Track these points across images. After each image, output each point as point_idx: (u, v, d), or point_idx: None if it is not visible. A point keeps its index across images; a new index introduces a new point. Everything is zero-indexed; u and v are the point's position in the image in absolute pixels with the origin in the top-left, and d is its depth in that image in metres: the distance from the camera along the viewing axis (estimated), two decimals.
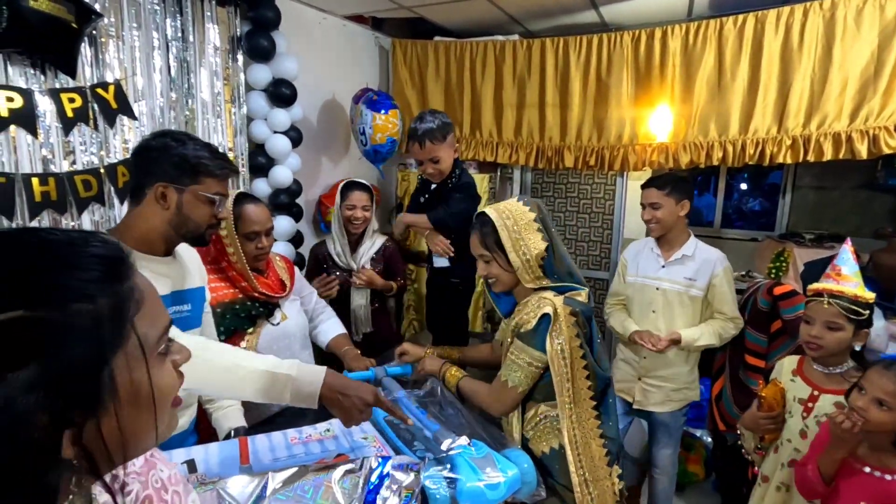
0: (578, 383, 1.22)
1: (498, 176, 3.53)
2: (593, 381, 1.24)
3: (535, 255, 1.25)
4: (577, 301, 1.26)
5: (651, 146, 2.85)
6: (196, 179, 1.16)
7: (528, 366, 1.24)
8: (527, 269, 1.26)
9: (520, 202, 1.31)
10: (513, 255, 1.26)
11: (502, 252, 1.28)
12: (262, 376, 0.99)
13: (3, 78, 1.61)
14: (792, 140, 2.50)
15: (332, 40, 3.04)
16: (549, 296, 1.25)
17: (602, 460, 1.24)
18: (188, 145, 1.16)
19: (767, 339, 2.15)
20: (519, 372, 1.26)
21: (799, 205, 3.82)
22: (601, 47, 2.89)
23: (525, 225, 1.26)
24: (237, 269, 1.55)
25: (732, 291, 2.03)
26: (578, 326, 1.22)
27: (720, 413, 2.34)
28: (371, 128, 2.81)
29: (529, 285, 1.28)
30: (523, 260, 1.26)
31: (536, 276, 1.27)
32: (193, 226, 1.18)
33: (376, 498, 0.93)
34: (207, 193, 1.17)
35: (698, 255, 2.04)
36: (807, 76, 2.43)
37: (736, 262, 3.71)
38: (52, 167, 1.74)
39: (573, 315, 1.22)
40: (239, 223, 1.53)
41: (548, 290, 1.27)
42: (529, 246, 1.25)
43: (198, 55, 2.19)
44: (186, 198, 1.15)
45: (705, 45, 2.63)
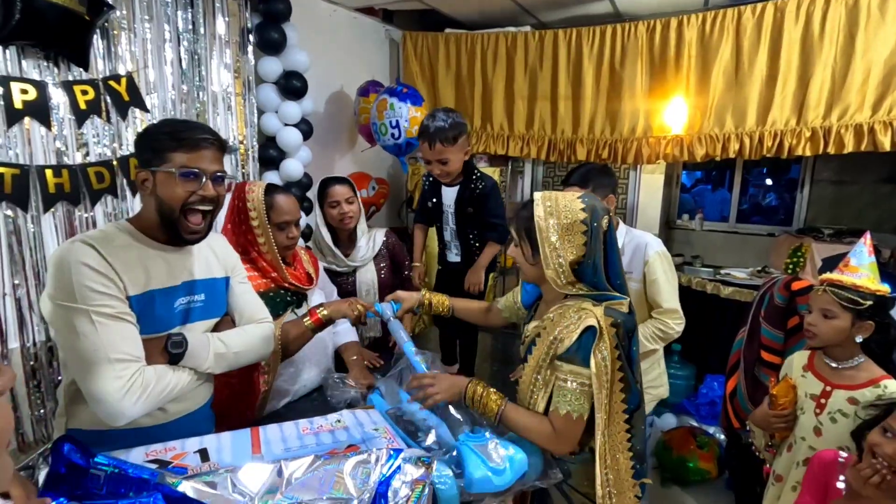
0: (614, 397, 1.14)
1: (509, 169, 3.50)
2: (628, 394, 1.16)
3: (570, 260, 1.13)
4: (619, 312, 1.14)
5: (665, 139, 2.81)
6: (162, 157, 1.07)
7: (584, 387, 1.11)
8: (557, 271, 1.14)
9: (579, 199, 1.16)
10: (544, 254, 1.14)
11: (530, 243, 1.18)
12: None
13: (17, 70, 1.62)
14: (812, 132, 2.44)
15: (342, 33, 3.03)
16: (589, 306, 1.13)
17: (628, 473, 1.17)
18: (162, 125, 1.12)
19: (784, 335, 2.10)
20: (580, 398, 1.11)
21: (817, 199, 3.73)
22: (615, 38, 2.85)
23: (568, 225, 1.13)
24: (267, 260, 1.55)
25: (670, 279, 1.82)
26: (618, 339, 1.12)
27: (734, 410, 2.30)
28: (408, 121, 2.76)
29: (560, 289, 1.17)
30: (556, 262, 1.14)
31: (569, 281, 1.15)
32: (168, 209, 1.09)
33: (388, 490, 0.92)
34: (173, 169, 1.07)
35: (628, 245, 1.83)
36: (828, 66, 2.37)
37: (751, 257, 3.67)
38: (66, 159, 1.76)
39: (614, 327, 1.12)
40: (270, 213, 1.53)
41: (585, 299, 1.15)
42: (566, 250, 1.13)
43: (209, 47, 2.19)
44: (159, 178, 1.08)
45: (722, 34, 2.58)
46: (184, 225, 1.12)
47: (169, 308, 1.15)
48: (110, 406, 1.02)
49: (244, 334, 1.28)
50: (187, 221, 1.12)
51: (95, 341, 1.01)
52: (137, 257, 1.11)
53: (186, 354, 1.14)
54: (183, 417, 1.21)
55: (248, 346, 1.27)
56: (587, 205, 1.15)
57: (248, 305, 1.35)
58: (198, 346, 1.17)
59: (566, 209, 1.14)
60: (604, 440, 1.13)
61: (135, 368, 1.04)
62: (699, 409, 2.97)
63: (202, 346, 1.18)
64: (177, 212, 1.10)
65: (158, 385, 1.08)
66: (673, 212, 4.09)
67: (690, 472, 2.57)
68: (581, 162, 2.92)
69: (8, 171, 1.60)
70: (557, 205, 1.15)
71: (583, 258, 1.14)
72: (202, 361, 1.17)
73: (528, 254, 1.19)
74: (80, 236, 1.08)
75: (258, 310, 1.36)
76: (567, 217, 1.14)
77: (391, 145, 2.87)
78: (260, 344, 1.31)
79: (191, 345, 1.15)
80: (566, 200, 1.16)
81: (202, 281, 1.23)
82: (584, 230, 1.13)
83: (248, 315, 1.33)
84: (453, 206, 1.93)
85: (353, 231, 2.10)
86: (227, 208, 1.55)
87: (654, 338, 1.83)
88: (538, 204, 1.16)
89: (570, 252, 1.13)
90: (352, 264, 2.07)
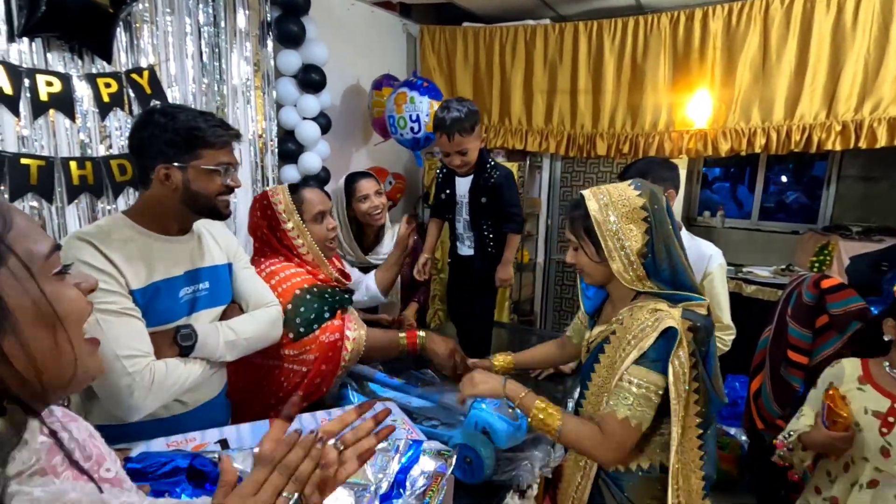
0: (688, 410, 1.05)
1: (527, 165, 3.47)
2: (703, 406, 1.07)
3: (636, 249, 1.06)
4: (698, 314, 1.05)
5: (688, 133, 2.75)
6: (195, 154, 1.11)
7: (650, 394, 1.01)
8: (626, 265, 1.06)
9: (631, 186, 1.10)
10: (607, 247, 1.07)
11: (591, 241, 1.11)
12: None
13: (42, 63, 1.64)
14: (842, 126, 2.37)
15: (360, 27, 3.02)
16: (664, 306, 1.04)
17: (698, 495, 1.10)
18: (179, 119, 1.10)
19: (812, 334, 2.05)
20: (643, 405, 1.01)
21: (844, 196, 3.63)
22: (637, 30, 2.79)
23: (627, 213, 1.06)
24: (309, 261, 1.49)
25: (727, 293, 1.77)
26: (697, 343, 1.04)
27: (758, 411, 2.25)
28: (428, 115, 2.73)
29: (629, 286, 1.09)
30: (621, 255, 1.06)
31: (638, 276, 1.07)
32: (204, 200, 1.14)
33: (406, 478, 0.92)
34: (210, 166, 1.12)
35: (688, 253, 1.77)
36: (860, 57, 2.29)
37: (775, 255, 3.59)
38: (90, 151, 1.77)
39: (692, 330, 1.04)
40: (302, 210, 1.48)
41: (659, 299, 1.07)
42: (630, 238, 1.06)
43: (229, 41, 2.19)
44: (191, 174, 1.11)
45: (749, 25, 2.51)
46: (220, 207, 1.18)
47: (174, 298, 1.15)
48: (122, 402, 1.03)
49: (253, 320, 1.28)
50: (221, 203, 1.18)
51: (101, 339, 1.01)
52: (138, 250, 1.10)
53: (197, 346, 1.14)
54: (199, 407, 1.21)
55: (257, 332, 1.27)
56: (642, 190, 1.09)
57: (254, 291, 1.34)
58: (207, 337, 1.16)
59: (621, 198, 1.08)
60: (677, 457, 1.05)
61: (144, 363, 1.04)
62: (721, 409, 2.91)
63: (212, 335, 1.17)
64: (212, 200, 1.15)
65: (170, 378, 1.07)
66: (693, 208, 4.02)
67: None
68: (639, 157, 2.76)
69: (34, 162, 1.62)
70: (611, 196, 1.09)
71: (647, 247, 1.06)
72: (213, 351, 1.17)
73: (592, 252, 1.11)
74: (75, 232, 1.09)
75: (265, 294, 1.35)
76: (624, 205, 1.07)
77: (409, 139, 2.85)
78: (269, 328, 1.30)
79: (200, 335, 1.14)
80: (619, 190, 1.10)
81: (206, 269, 1.23)
82: (644, 216, 1.06)
83: (255, 301, 1.32)
84: (467, 196, 1.90)
85: (381, 228, 2.09)
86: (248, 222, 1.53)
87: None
88: (590, 199, 1.10)
89: (633, 241, 1.06)
90: (372, 261, 2.06)
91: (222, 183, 1.15)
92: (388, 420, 1.21)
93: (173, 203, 1.13)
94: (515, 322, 3.44)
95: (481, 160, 1.85)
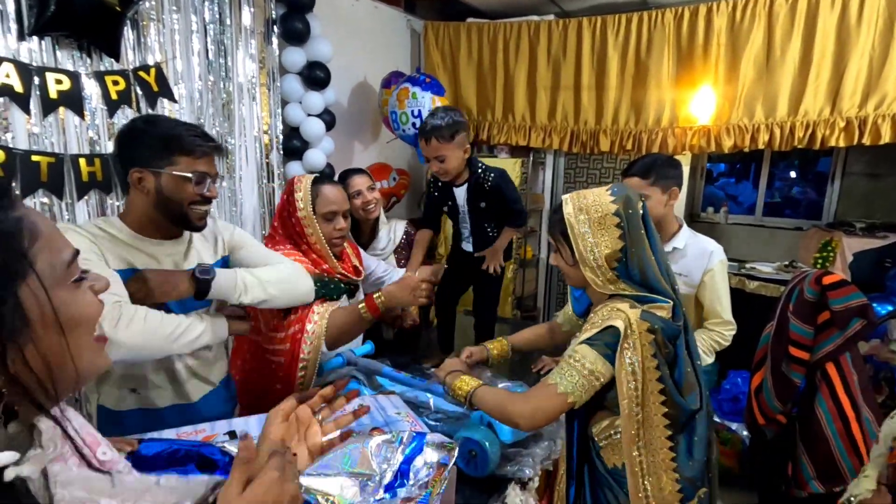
0: (651, 408, 1.07)
1: (530, 161, 3.47)
2: (672, 409, 1.08)
3: (606, 255, 1.09)
4: (657, 316, 1.07)
5: (692, 129, 2.75)
6: (170, 160, 1.11)
7: (590, 374, 1.05)
8: (595, 270, 1.10)
9: (608, 192, 1.13)
10: (578, 252, 1.11)
11: (567, 244, 1.14)
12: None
13: (52, 61, 1.66)
14: (846, 122, 2.36)
15: (364, 23, 3.03)
16: (625, 307, 1.07)
17: (673, 497, 1.09)
18: (161, 125, 1.12)
19: (813, 330, 2.06)
20: (576, 377, 1.05)
21: (848, 192, 3.62)
22: (641, 26, 2.79)
23: (599, 219, 1.09)
24: (316, 250, 1.53)
25: (727, 289, 1.78)
26: (657, 346, 1.06)
27: (759, 406, 2.26)
28: (430, 111, 2.76)
29: (601, 290, 1.13)
30: (590, 259, 1.10)
31: (608, 280, 1.11)
32: (175, 206, 1.13)
33: (409, 468, 0.94)
34: (183, 173, 1.11)
35: (690, 249, 1.78)
36: (865, 53, 2.28)
37: (778, 251, 3.58)
38: (98, 148, 1.80)
39: (651, 332, 1.05)
40: (316, 204, 1.51)
41: (625, 299, 1.10)
42: (599, 245, 1.09)
43: (234, 38, 2.21)
44: (164, 180, 1.11)
45: (753, 21, 2.50)
46: (192, 217, 1.16)
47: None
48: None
49: (274, 270, 1.27)
50: (194, 213, 1.16)
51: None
52: (124, 248, 1.12)
53: (214, 283, 1.13)
54: (203, 399, 1.26)
55: (281, 277, 1.26)
56: (617, 196, 1.11)
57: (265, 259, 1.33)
58: (225, 275, 1.16)
59: (595, 203, 1.11)
60: (639, 454, 1.07)
61: (112, 300, 1.00)
62: (721, 405, 2.93)
63: (229, 277, 1.17)
64: (184, 207, 1.14)
65: (150, 319, 1.04)
66: (697, 205, 4.02)
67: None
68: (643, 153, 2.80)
69: (44, 159, 1.65)
70: (586, 201, 1.12)
71: (621, 252, 1.09)
72: (231, 290, 1.16)
73: (568, 256, 1.15)
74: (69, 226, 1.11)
75: (277, 258, 1.35)
76: (597, 211, 1.10)
77: (411, 135, 2.87)
78: (294, 277, 1.30)
79: (218, 273, 1.14)
80: (594, 195, 1.13)
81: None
82: (616, 222, 1.09)
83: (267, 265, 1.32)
84: (466, 206, 1.91)
85: (375, 222, 2.12)
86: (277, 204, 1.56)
87: (712, 350, 1.80)
88: (567, 202, 1.14)
89: (605, 246, 1.09)
90: (372, 255, 2.08)
91: (195, 192, 1.13)
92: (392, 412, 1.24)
93: (148, 208, 1.14)
94: (518, 318, 3.46)
95: (472, 168, 1.85)
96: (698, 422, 1.12)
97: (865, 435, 2.02)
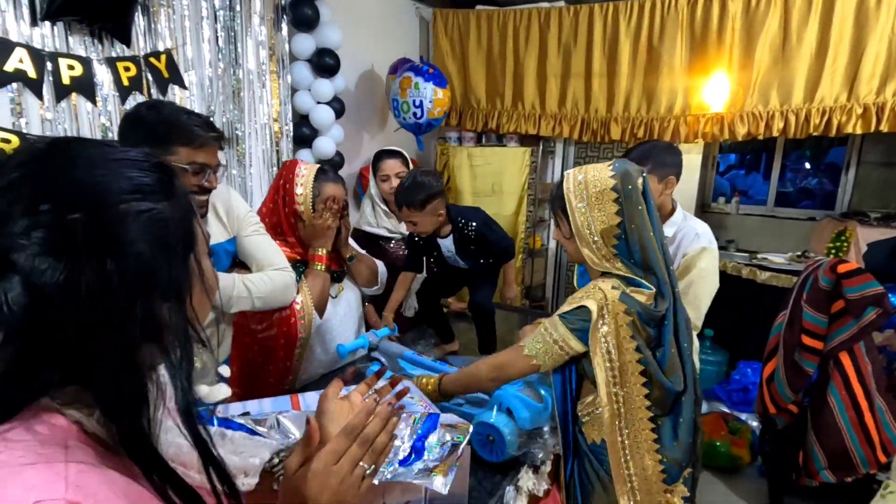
0: (631, 389, 1.08)
1: (540, 150, 3.45)
2: (654, 390, 1.09)
3: (601, 230, 1.09)
4: (634, 300, 1.08)
5: (705, 117, 2.71)
6: (168, 149, 1.08)
7: (555, 344, 1.10)
8: (591, 246, 1.10)
9: (608, 167, 1.12)
10: (575, 226, 1.12)
11: (566, 218, 1.14)
12: None
13: (64, 47, 1.66)
14: (864, 108, 2.32)
15: (373, 10, 3.01)
16: (606, 286, 1.08)
17: (657, 477, 1.11)
18: (162, 112, 1.10)
19: (828, 319, 2.04)
20: (541, 344, 1.11)
21: (863, 182, 3.56)
22: (653, 12, 2.75)
23: (597, 193, 1.09)
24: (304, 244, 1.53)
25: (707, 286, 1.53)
26: (635, 328, 1.07)
27: (771, 395, 2.25)
28: (431, 102, 2.76)
29: (597, 267, 1.12)
30: (586, 234, 1.10)
31: (604, 257, 1.11)
32: None
33: (424, 445, 0.94)
34: (181, 163, 1.08)
35: (680, 233, 1.63)
36: (884, 37, 2.24)
37: (790, 242, 3.54)
38: (110, 134, 1.80)
39: (628, 314, 1.06)
40: (317, 200, 1.49)
41: (612, 278, 1.10)
42: (596, 218, 1.09)
43: (244, 24, 2.20)
44: None
45: (769, 6, 2.46)
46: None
47: None
48: None
49: (270, 281, 1.31)
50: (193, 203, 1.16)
51: None
52: None
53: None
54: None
55: (272, 293, 1.31)
56: (616, 171, 1.11)
57: (265, 254, 1.35)
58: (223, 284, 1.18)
59: (594, 179, 1.11)
60: (619, 435, 1.10)
61: None
62: (731, 395, 2.92)
63: (227, 286, 1.19)
64: None
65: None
66: (708, 194, 3.98)
67: (721, 456, 2.54)
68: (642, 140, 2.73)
69: None
70: (586, 176, 1.12)
71: (619, 228, 1.09)
72: (226, 301, 1.20)
73: (566, 230, 1.16)
74: None
75: (275, 258, 1.36)
76: (595, 186, 1.10)
77: (412, 124, 2.87)
78: (282, 291, 1.34)
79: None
80: (595, 170, 1.13)
81: None
82: (614, 197, 1.08)
83: (266, 262, 1.34)
84: (455, 253, 1.88)
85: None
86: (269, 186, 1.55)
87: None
88: (568, 178, 1.15)
89: (600, 222, 1.09)
90: (403, 231, 2.13)
91: (193, 182, 1.12)
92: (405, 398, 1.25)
93: None
94: (527, 307, 3.46)
95: (452, 221, 1.81)
96: (684, 404, 1.13)
97: (879, 425, 2.00)
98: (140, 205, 0.44)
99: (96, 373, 0.42)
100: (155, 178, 0.47)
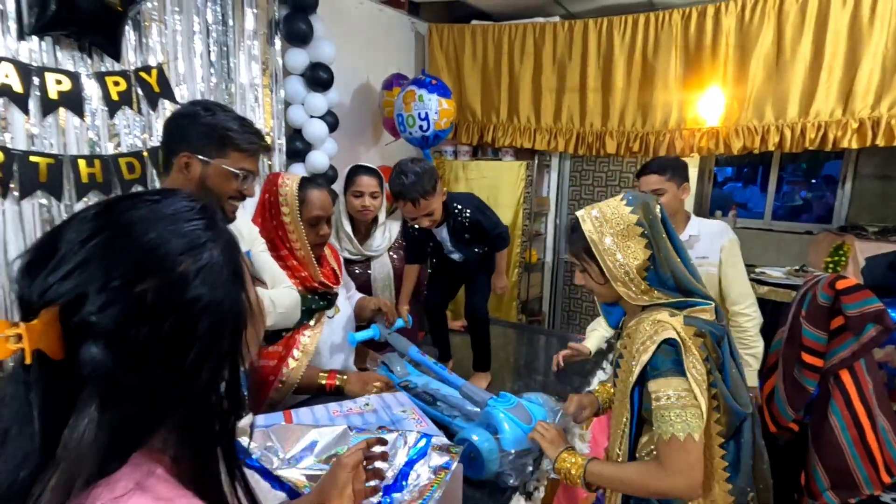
0: (709, 415, 1.01)
1: (535, 164, 3.44)
2: (724, 414, 1.03)
3: (636, 266, 1.05)
4: (701, 320, 1.03)
5: (700, 131, 2.71)
6: (222, 152, 1.11)
7: (685, 400, 0.97)
8: (628, 283, 1.06)
9: (623, 202, 1.09)
10: (607, 267, 1.07)
11: (594, 262, 1.10)
12: None
13: (52, 61, 1.65)
14: (859, 123, 2.31)
15: (368, 25, 3.01)
16: (665, 316, 1.03)
17: None
18: (218, 115, 1.12)
19: (827, 336, 2.01)
20: (683, 415, 0.96)
21: (860, 195, 3.56)
22: (648, 27, 2.76)
23: (622, 231, 1.06)
24: (299, 258, 1.48)
25: (743, 268, 1.87)
26: (707, 349, 1.02)
27: (771, 413, 2.21)
28: (437, 113, 2.74)
29: (635, 302, 1.08)
30: (621, 273, 1.06)
31: (642, 290, 1.07)
32: (214, 199, 1.12)
33: (410, 471, 0.92)
34: (232, 168, 1.12)
35: (704, 232, 1.92)
36: (878, 52, 2.24)
37: (788, 256, 3.52)
38: (98, 149, 1.78)
39: (699, 336, 1.01)
40: (303, 208, 1.46)
41: (662, 309, 1.06)
42: (628, 256, 1.05)
43: (237, 39, 2.20)
44: (211, 170, 1.11)
45: (763, 20, 2.46)
46: (228, 209, 1.17)
47: None
48: None
49: (288, 296, 1.34)
50: (229, 207, 1.18)
51: None
52: None
53: None
54: None
55: (288, 309, 1.33)
56: (634, 204, 1.08)
57: (272, 271, 1.37)
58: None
59: (615, 216, 1.07)
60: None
61: None
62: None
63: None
64: (222, 200, 1.15)
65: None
66: (705, 208, 3.97)
67: None
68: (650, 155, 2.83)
69: (43, 160, 1.63)
70: (604, 215, 1.09)
71: (650, 261, 1.05)
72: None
73: (596, 273, 1.11)
74: None
75: (282, 278, 1.38)
76: (619, 223, 1.06)
77: (418, 138, 2.85)
78: (294, 308, 1.37)
79: None
80: (611, 208, 1.09)
81: None
82: (641, 231, 1.05)
83: (278, 280, 1.36)
84: (450, 241, 1.85)
85: (373, 221, 2.10)
86: (257, 200, 1.53)
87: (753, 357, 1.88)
88: (584, 220, 1.10)
89: (632, 258, 1.05)
90: (366, 253, 2.07)
91: (237, 188, 1.15)
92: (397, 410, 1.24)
93: None
94: (524, 322, 3.42)
95: (447, 207, 1.78)
96: (745, 426, 1.07)
97: (881, 443, 1.96)
98: (197, 262, 0.48)
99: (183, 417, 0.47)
100: (202, 224, 0.50)
